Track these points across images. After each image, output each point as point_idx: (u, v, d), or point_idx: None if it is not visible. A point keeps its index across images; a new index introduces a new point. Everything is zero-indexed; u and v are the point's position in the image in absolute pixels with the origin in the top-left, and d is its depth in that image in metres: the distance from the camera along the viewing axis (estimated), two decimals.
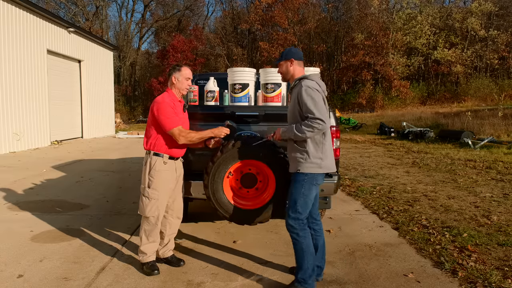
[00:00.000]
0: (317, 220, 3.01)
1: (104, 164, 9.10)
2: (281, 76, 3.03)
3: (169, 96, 3.13)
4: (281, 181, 3.20)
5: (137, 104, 40.92)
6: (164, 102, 3.04)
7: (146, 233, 3.15)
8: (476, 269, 3.22)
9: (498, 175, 7.59)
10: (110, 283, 2.99)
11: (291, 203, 2.78)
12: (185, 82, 3.18)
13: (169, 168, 3.13)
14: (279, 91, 3.89)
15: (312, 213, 2.94)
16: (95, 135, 17.03)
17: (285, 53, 2.91)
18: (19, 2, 11.63)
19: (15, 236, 4.03)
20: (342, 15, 42.32)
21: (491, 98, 27.72)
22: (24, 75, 12.01)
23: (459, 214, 4.90)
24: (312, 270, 2.78)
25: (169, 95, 3.13)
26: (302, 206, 2.75)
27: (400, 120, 20.01)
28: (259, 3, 39.92)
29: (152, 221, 3.12)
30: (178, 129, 3.00)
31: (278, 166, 3.20)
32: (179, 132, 3.01)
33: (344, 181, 7.03)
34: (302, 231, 2.76)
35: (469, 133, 13.27)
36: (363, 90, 36.27)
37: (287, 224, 2.80)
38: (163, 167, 3.09)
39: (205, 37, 42.01)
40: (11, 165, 8.85)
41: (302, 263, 2.77)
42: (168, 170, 3.13)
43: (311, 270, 2.77)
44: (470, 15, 35.64)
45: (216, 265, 3.35)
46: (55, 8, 38.87)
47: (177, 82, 3.15)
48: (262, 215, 3.28)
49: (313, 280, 2.79)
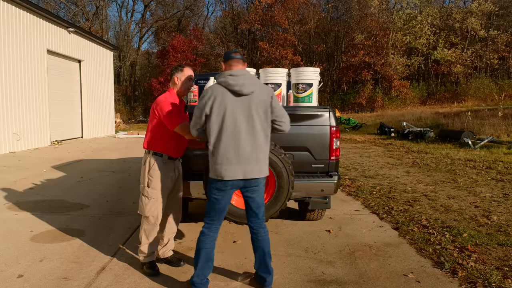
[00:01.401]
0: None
1: (104, 164, 9.10)
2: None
3: (170, 95, 3.14)
4: (282, 184, 3.20)
5: (137, 104, 40.91)
6: (167, 101, 3.05)
7: (146, 232, 3.15)
8: (476, 269, 3.22)
9: (498, 175, 7.59)
10: (110, 283, 2.99)
11: (263, 209, 2.84)
12: (187, 83, 3.19)
13: (168, 168, 3.14)
14: (279, 91, 3.90)
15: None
16: (95, 135, 17.03)
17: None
18: (19, 2, 11.63)
19: (15, 236, 4.02)
20: (342, 15, 42.34)
21: (491, 98, 27.74)
22: (24, 75, 12.01)
23: (459, 214, 4.90)
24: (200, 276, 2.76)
25: (170, 95, 3.14)
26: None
27: (400, 120, 20.01)
28: (259, 3, 39.92)
29: (152, 220, 3.13)
30: (185, 124, 3.00)
31: (278, 166, 3.20)
32: (186, 126, 2.99)
33: (344, 181, 7.03)
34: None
35: (469, 133, 13.27)
36: (363, 90, 36.29)
37: (264, 224, 2.89)
38: (163, 167, 3.10)
39: (205, 37, 42.01)
40: (11, 165, 8.84)
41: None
42: (167, 170, 3.13)
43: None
44: (470, 15, 35.65)
45: (216, 265, 3.35)
46: (55, 8, 38.88)
47: (180, 82, 3.17)
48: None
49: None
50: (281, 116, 2.75)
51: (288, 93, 4.19)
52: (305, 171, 3.72)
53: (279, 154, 3.21)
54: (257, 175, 2.67)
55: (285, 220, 4.65)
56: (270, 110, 2.70)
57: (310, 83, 3.87)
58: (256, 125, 2.64)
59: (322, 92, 35.83)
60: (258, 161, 2.66)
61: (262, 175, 2.71)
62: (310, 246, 3.81)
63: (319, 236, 4.11)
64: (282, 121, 2.76)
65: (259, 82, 2.76)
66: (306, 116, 3.67)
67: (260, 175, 2.69)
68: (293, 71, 3.98)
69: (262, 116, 2.66)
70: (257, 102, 2.64)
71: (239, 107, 2.61)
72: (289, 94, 4.16)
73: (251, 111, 2.62)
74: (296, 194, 3.58)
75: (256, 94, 2.64)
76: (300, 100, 3.93)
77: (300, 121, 3.66)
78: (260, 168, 2.68)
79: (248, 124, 2.62)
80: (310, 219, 4.60)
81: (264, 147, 2.71)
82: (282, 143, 3.48)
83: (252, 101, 2.62)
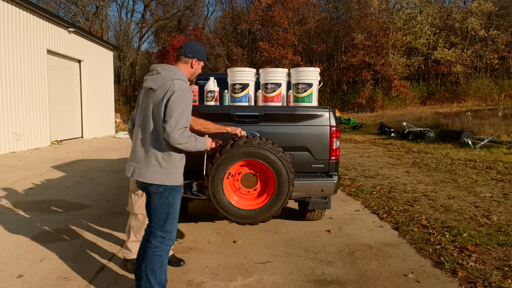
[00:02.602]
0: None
1: (104, 164, 9.10)
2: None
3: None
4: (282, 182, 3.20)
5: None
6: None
7: (133, 230, 3.17)
8: (476, 269, 3.22)
9: (498, 175, 7.59)
10: (110, 283, 2.99)
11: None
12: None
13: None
14: (279, 91, 3.89)
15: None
16: (95, 135, 17.03)
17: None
18: (19, 2, 11.63)
19: (15, 236, 4.02)
20: (342, 15, 42.36)
21: (491, 98, 27.75)
22: (24, 75, 12.01)
23: (459, 214, 4.90)
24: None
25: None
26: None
27: (400, 120, 20.00)
28: (259, 3, 39.92)
29: (141, 218, 3.15)
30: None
31: (277, 164, 3.20)
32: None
33: (344, 181, 7.03)
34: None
35: (469, 133, 13.27)
36: (363, 90, 36.29)
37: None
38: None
39: (205, 37, 42.01)
40: (11, 165, 8.84)
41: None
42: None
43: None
44: (470, 15, 35.65)
45: (216, 265, 3.35)
46: (55, 8, 38.87)
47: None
48: (263, 215, 3.28)
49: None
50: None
51: (288, 93, 4.19)
52: (305, 171, 3.72)
53: (277, 152, 3.21)
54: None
55: (285, 220, 4.65)
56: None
57: (310, 83, 3.87)
58: None
59: (322, 92, 35.84)
60: None
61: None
62: (310, 246, 3.81)
63: (319, 236, 4.11)
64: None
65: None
66: (306, 116, 3.67)
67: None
68: (293, 71, 3.98)
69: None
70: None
71: None
72: (289, 94, 4.16)
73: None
74: (296, 194, 3.58)
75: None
76: (300, 100, 3.93)
77: (300, 121, 3.66)
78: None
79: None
80: (310, 219, 4.60)
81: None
82: (282, 143, 3.48)
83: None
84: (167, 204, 2.49)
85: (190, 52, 2.60)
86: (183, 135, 2.38)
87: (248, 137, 3.26)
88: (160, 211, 2.49)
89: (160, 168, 2.44)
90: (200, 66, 2.69)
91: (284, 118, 3.66)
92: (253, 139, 3.21)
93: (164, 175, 2.45)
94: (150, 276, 2.49)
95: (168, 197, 2.48)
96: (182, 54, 2.60)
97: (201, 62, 2.68)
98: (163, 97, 2.38)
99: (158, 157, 2.44)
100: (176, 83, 2.41)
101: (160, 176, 2.44)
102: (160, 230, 2.51)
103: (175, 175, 2.49)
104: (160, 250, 2.51)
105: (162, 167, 2.44)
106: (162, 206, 2.48)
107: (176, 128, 2.34)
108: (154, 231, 2.52)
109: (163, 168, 2.44)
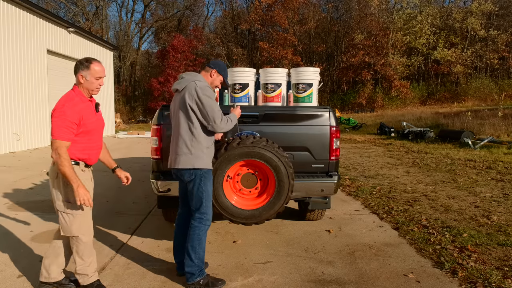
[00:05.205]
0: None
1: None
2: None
3: (76, 95, 2.65)
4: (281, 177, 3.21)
5: (137, 104, 40.89)
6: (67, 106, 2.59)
7: (79, 254, 2.70)
8: (476, 269, 3.22)
9: (498, 175, 7.59)
10: (110, 283, 2.99)
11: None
12: (95, 82, 2.64)
13: (87, 177, 2.77)
14: (279, 91, 3.90)
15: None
16: None
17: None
18: (19, 2, 11.63)
19: (15, 236, 4.02)
20: (342, 15, 42.32)
21: (491, 98, 27.74)
22: (24, 75, 12.01)
23: (459, 214, 4.90)
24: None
25: (76, 95, 2.66)
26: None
27: (400, 120, 20.01)
28: (259, 3, 39.93)
29: (83, 239, 2.69)
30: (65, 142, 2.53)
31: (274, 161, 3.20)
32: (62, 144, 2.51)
33: (344, 181, 7.03)
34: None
35: (469, 133, 13.27)
36: (363, 90, 36.28)
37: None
38: (82, 175, 2.67)
39: (205, 37, 42.01)
40: (11, 165, 8.84)
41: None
42: (87, 179, 2.76)
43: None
44: (470, 15, 35.64)
45: (216, 265, 3.35)
46: (55, 8, 38.90)
47: (85, 81, 2.63)
48: (267, 212, 3.29)
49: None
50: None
51: (288, 93, 4.19)
52: (305, 171, 3.73)
53: (273, 149, 3.21)
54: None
55: (285, 220, 4.65)
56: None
57: (310, 83, 3.87)
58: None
59: (322, 92, 35.84)
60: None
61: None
62: (310, 246, 3.81)
63: (319, 236, 4.11)
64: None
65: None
66: (306, 116, 3.68)
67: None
68: (293, 71, 3.98)
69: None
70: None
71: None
72: (289, 94, 4.16)
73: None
74: (296, 194, 3.58)
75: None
76: (300, 100, 3.93)
77: (300, 121, 3.66)
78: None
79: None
80: (310, 219, 4.60)
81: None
82: (282, 143, 3.49)
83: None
84: (200, 190, 2.86)
85: (213, 64, 3.05)
86: (223, 123, 2.83)
87: (241, 137, 3.26)
88: (195, 197, 2.88)
89: (191, 154, 2.82)
90: (218, 78, 3.04)
91: (284, 118, 3.67)
92: (246, 139, 3.21)
93: (194, 159, 2.82)
94: (191, 252, 2.87)
95: (200, 184, 2.85)
96: (206, 65, 3.04)
97: (220, 76, 3.05)
98: (189, 96, 2.78)
99: (188, 144, 2.82)
100: (197, 83, 2.83)
101: (191, 161, 2.82)
102: (198, 212, 2.90)
103: (203, 159, 2.85)
104: (199, 229, 2.89)
105: (192, 153, 2.82)
106: (197, 192, 2.86)
107: (217, 122, 2.79)
108: (193, 214, 2.92)
109: (193, 154, 2.82)
